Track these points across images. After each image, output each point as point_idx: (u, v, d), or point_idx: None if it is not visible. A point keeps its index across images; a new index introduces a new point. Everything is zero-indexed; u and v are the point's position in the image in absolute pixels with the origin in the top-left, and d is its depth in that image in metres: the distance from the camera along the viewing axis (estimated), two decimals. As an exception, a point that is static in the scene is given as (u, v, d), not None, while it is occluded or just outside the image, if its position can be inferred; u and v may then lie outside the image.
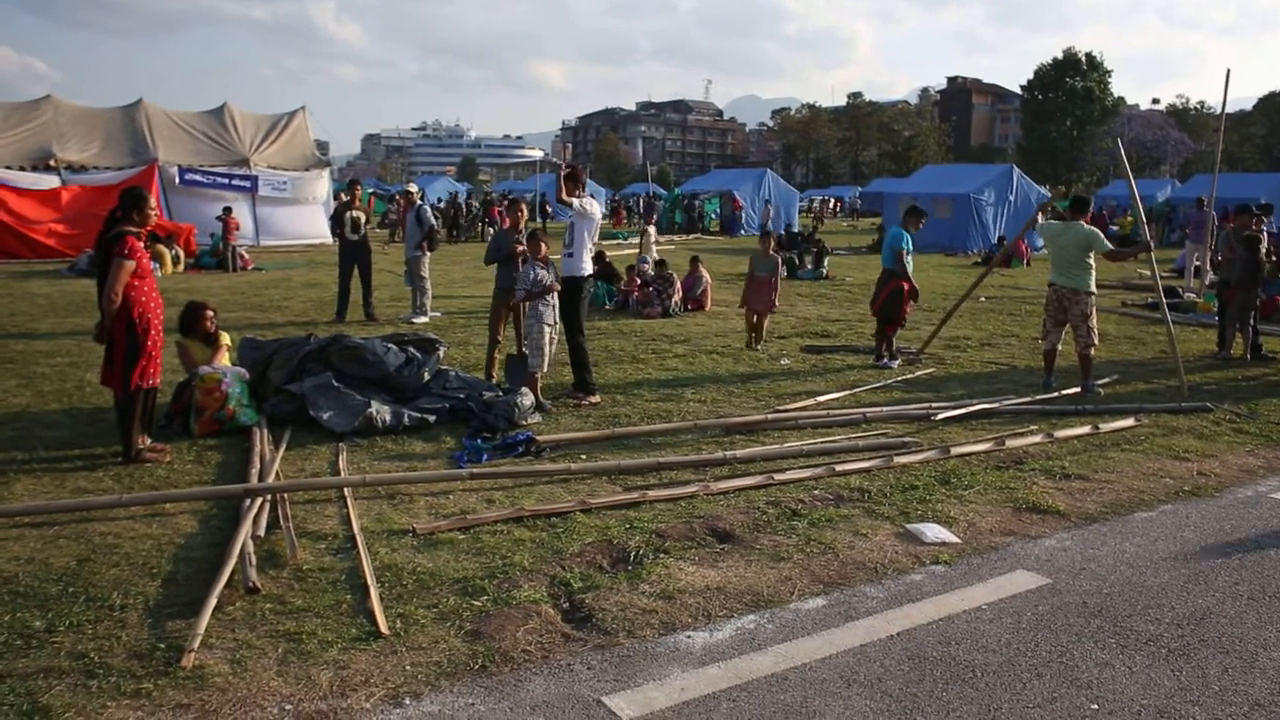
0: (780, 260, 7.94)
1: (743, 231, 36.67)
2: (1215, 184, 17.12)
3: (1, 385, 8.29)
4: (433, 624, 3.94)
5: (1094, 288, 8.75)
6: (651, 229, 21.41)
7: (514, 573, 4.46)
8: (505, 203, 11.52)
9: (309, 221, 26.99)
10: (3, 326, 11.79)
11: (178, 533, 4.91)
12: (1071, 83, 76.88)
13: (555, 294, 7.90)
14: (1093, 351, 8.74)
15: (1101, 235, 8.83)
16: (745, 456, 6.39)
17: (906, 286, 10.09)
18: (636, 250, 17.58)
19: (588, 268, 8.02)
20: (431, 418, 7.11)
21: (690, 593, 4.31)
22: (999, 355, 10.89)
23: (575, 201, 7.80)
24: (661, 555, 4.72)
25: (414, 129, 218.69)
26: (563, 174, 7.96)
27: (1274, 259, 12.35)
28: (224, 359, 7.38)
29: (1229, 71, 15.67)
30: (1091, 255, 8.65)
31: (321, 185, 27.86)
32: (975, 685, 3.53)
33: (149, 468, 6.01)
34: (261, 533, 4.82)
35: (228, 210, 20.90)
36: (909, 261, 10.22)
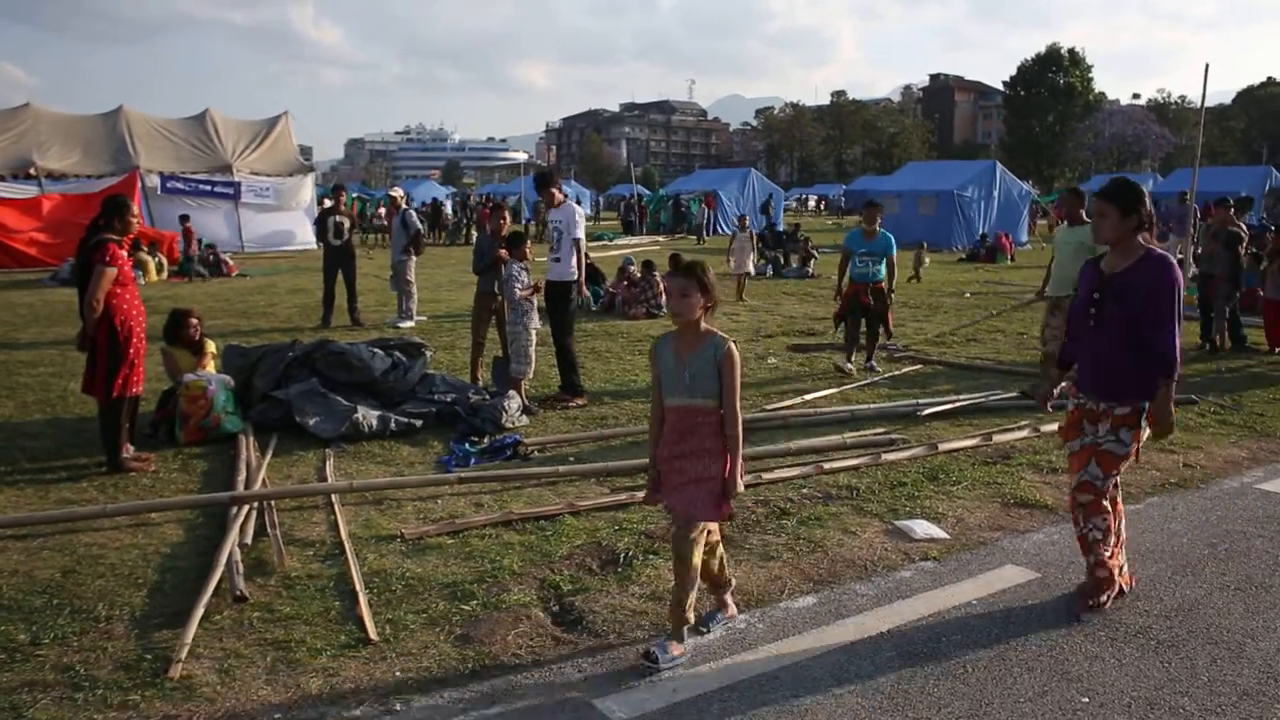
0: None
1: (722, 229, 36.04)
2: (1196, 178, 17.23)
3: (-17, 396, 8.22)
4: (422, 629, 3.92)
5: None
6: (741, 234, 17.09)
7: (503, 576, 4.45)
8: (490, 206, 11.50)
9: (293, 227, 26.87)
10: (-16, 337, 11.68)
11: (164, 542, 4.88)
12: (1054, 78, 77.31)
13: (535, 298, 7.92)
14: None
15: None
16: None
17: (849, 289, 9.52)
18: (621, 251, 16.41)
19: (575, 272, 8.02)
20: (418, 422, 7.09)
21: (680, 593, 4.30)
22: (985, 350, 10.93)
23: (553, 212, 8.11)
24: (651, 556, 4.71)
25: (398, 133, 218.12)
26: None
27: (1252, 252, 12.44)
28: (209, 366, 7.33)
29: (1208, 66, 15.78)
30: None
31: (305, 191, 27.73)
32: (966, 680, 3.54)
33: (134, 477, 5.96)
34: (248, 541, 4.79)
35: (184, 219, 20.53)
36: (856, 263, 9.45)
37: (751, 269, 17.04)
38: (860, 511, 5.42)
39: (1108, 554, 4.13)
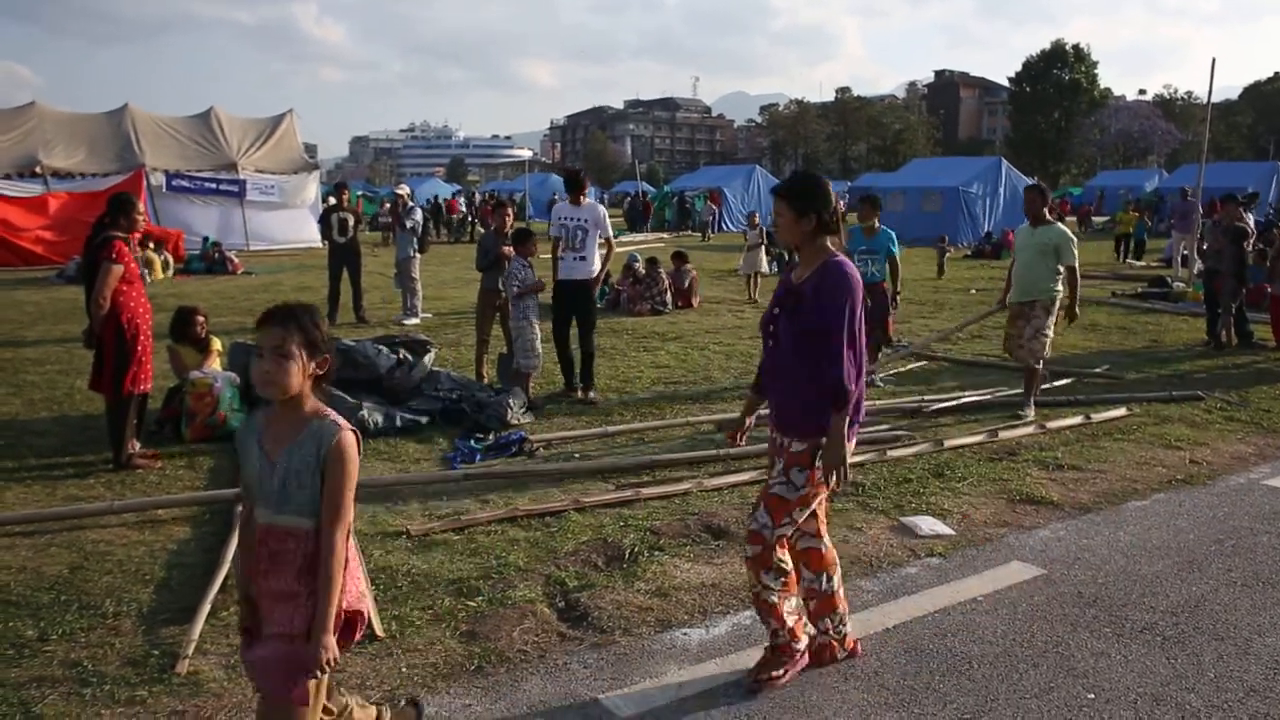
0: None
1: (728, 227, 36.11)
2: (1202, 174, 17.19)
3: (-10, 394, 8.24)
4: (428, 625, 3.93)
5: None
6: (751, 233, 16.41)
7: (509, 573, 4.45)
8: (492, 204, 11.52)
9: (298, 225, 26.88)
10: (-9, 335, 11.71)
11: (170, 539, 4.89)
12: (1059, 75, 77.18)
13: (538, 293, 7.94)
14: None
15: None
16: (738, 452, 6.37)
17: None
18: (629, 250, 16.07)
19: (599, 268, 8.19)
20: (424, 419, 7.09)
21: (686, 589, 4.30)
22: (991, 347, 10.90)
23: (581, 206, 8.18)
24: (656, 553, 4.71)
25: (402, 130, 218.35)
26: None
27: (1259, 247, 12.41)
28: (215, 364, 7.35)
29: (1214, 61, 15.74)
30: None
31: (310, 188, 27.75)
32: (972, 677, 3.54)
33: (140, 474, 5.98)
34: (255, 537, 4.79)
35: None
36: (854, 261, 8.63)
37: (765, 267, 16.90)
38: (866, 508, 5.42)
39: (791, 620, 3.48)
